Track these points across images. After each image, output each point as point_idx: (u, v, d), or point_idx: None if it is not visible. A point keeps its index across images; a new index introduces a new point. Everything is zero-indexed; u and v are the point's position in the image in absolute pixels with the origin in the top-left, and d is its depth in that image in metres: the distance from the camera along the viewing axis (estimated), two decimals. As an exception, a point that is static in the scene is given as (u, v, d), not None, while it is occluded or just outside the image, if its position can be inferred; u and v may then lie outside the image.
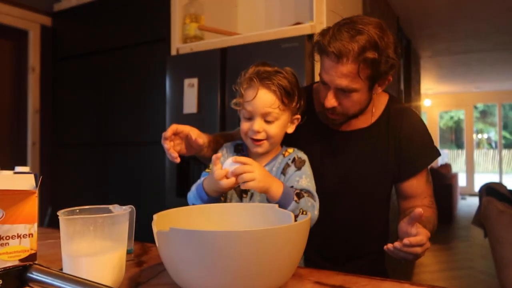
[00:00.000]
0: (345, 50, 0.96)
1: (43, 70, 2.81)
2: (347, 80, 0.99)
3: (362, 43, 0.95)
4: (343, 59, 0.97)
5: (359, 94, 1.03)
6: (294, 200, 0.91)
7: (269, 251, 0.64)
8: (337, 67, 0.98)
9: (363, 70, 0.98)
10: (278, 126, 1.00)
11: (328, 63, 1.00)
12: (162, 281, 0.78)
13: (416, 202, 1.15)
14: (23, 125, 2.75)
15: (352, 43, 0.96)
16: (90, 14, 2.64)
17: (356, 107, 1.07)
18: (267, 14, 2.50)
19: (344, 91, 1.02)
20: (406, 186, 1.16)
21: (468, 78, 7.66)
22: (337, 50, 0.96)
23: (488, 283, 3.41)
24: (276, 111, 0.98)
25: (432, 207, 1.15)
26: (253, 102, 0.97)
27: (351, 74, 0.98)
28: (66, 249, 0.70)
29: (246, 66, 1.54)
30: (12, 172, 0.77)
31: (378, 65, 0.98)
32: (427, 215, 1.09)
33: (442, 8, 3.87)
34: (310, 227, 0.92)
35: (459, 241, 5.03)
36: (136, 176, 2.39)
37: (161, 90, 2.22)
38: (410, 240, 0.88)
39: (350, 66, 0.97)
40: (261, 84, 0.98)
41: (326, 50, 0.98)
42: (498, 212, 2.29)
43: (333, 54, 0.97)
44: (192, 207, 0.92)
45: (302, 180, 1.00)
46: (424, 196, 1.15)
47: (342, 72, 0.98)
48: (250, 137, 1.01)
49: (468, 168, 9.70)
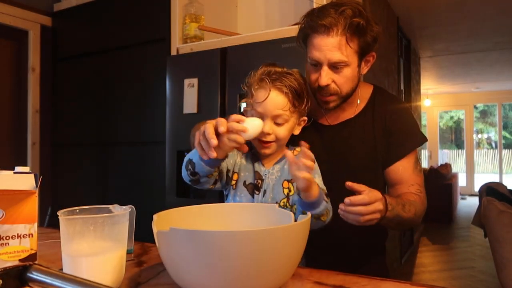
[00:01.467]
0: (334, 22, 1.00)
1: (43, 70, 2.80)
2: (339, 52, 1.02)
3: (349, 15, 1.01)
4: (333, 30, 1.01)
5: (350, 70, 1.06)
6: (325, 200, 0.92)
7: (269, 251, 0.64)
8: (328, 40, 1.02)
9: (351, 38, 1.02)
10: (287, 128, 1.00)
11: (318, 39, 1.03)
12: (162, 281, 0.78)
13: (402, 188, 1.14)
14: (23, 125, 2.75)
15: (339, 16, 1.01)
16: (90, 14, 2.64)
17: (348, 84, 1.09)
18: (267, 14, 2.50)
19: (336, 67, 1.04)
20: (391, 171, 1.16)
21: (468, 78, 7.66)
22: (327, 22, 1.00)
23: (488, 283, 3.41)
24: (287, 113, 0.98)
25: (419, 195, 1.13)
26: (264, 103, 0.97)
27: (341, 45, 1.02)
28: (66, 249, 0.70)
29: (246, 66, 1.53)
30: (12, 172, 0.77)
31: (364, 32, 1.03)
32: (411, 199, 1.09)
33: (442, 8, 3.87)
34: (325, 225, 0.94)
35: (459, 241, 5.03)
36: (136, 176, 2.39)
37: (161, 90, 2.22)
38: (350, 199, 0.87)
39: (340, 37, 1.01)
40: (273, 85, 0.97)
41: (316, 25, 1.02)
42: (498, 212, 2.29)
43: (323, 27, 1.01)
44: (192, 207, 0.91)
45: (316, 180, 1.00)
46: (411, 183, 1.14)
47: (332, 44, 1.02)
48: (258, 139, 1.00)
49: (468, 168, 9.70)
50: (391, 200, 1.00)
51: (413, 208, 1.06)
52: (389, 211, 0.97)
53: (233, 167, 1.06)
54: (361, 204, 0.88)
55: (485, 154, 11.90)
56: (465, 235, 5.30)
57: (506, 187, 3.08)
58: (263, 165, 1.06)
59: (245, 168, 1.06)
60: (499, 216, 2.28)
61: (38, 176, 0.77)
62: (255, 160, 1.06)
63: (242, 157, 1.07)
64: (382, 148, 1.15)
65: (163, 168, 2.13)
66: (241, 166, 1.06)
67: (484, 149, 12.00)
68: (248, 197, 1.03)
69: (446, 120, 11.83)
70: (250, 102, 1.00)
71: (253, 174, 1.05)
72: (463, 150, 10.27)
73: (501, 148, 9.74)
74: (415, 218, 1.08)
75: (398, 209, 1.01)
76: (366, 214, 0.88)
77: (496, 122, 9.80)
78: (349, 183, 0.90)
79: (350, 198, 0.87)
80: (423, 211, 1.11)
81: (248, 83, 1.03)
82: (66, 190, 2.74)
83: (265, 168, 1.05)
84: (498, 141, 9.84)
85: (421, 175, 1.17)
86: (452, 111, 11.28)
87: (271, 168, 1.05)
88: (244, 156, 1.07)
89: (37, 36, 2.76)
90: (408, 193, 1.12)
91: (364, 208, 0.88)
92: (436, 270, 3.79)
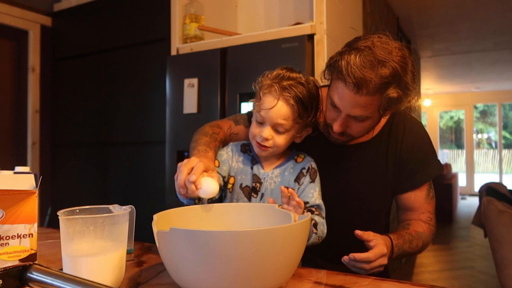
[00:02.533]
0: (366, 81, 0.88)
1: (43, 70, 2.81)
2: (363, 110, 0.94)
3: (385, 76, 0.88)
4: (362, 90, 0.90)
5: (371, 121, 1.01)
6: (314, 233, 0.94)
7: (269, 251, 0.64)
8: (354, 97, 0.92)
9: (383, 105, 0.94)
10: (286, 137, 1.00)
11: (344, 90, 0.93)
12: (162, 281, 0.78)
13: (413, 215, 1.13)
14: (23, 125, 2.75)
15: (374, 75, 0.88)
16: (90, 14, 2.64)
17: (364, 131, 1.05)
18: (267, 14, 2.50)
19: (356, 118, 0.98)
20: (404, 198, 1.14)
21: (468, 78, 7.66)
22: (357, 80, 0.88)
23: (488, 283, 3.41)
24: (289, 124, 0.97)
25: (429, 223, 1.12)
26: (268, 110, 0.97)
27: (368, 105, 0.93)
28: (66, 249, 0.70)
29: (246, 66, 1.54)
30: (12, 172, 0.76)
31: (399, 101, 0.95)
32: (419, 230, 1.08)
33: (442, 8, 3.87)
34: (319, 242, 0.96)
35: (459, 241, 5.03)
36: (136, 176, 2.39)
37: (161, 90, 2.22)
38: (354, 256, 0.87)
39: (369, 98, 0.91)
40: (281, 95, 0.96)
41: (344, 77, 0.91)
42: (498, 212, 2.29)
43: (352, 84, 0.90)
44: (192, 207, 0.92)
45: (316, 194, 1.01)
46: (422, 211, 1.12)
47: (358, 103, 0.92)
48: (256, 141, 1.00)
49: (468, 168, 9.70)
50: (398, 242, 1.00)
51: (420, 242, 1.07)
52: (394, 252, 0.99)
53: (228, 173, 1.06)
54: (365, 262, 0.89)
55: (485, 154, 11.90)
56: (465, 235, 5.29)
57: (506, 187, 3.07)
58: (263, 167, 1.05)
59: (241, 171, 1.06)
60: (499, 216, 2.28)
61: (38, 176, 0.77)
62: (254, 163, 1.06)
63: (239, 161, 1.07)
64: (393, 175, 1.12)
65: (163, 168, 2.13)
66: (238, 169, 1.06)
67: (484, 149, 11.99)
68: (245, 200, 1.04)
69: (446, 120, 11.82)
70: (256, 105, 1.00)
71: (250, 177, 1.04)
72: (463, 150, 10.27)
73: (501, 148, 9.73)
74: (422, 249, 1.09)
75: (405, 247, 1.02)
76: (370, 270, 0.90)
77: (496, 122, 9.79)
78: (358, 232, 0.91)
79: (355, 256, 0.87)
80: (431, 240, 1.11)
81: (259, 84, 1.02)
82: (66, 190, 2.74)
83: (264, 171, 1.05)
84: (498, 141, 9.84)
85: (432, 202, 1.15)
86: (452, 111, 11.28)
87: (271, 171, 1.04)
88: (240, 159, 1.07)
89: (37, 36, 2.76)
90: (418, 221, 1.11)
91: (368, 265, 0.89)
92: (436, 270, 3.79)
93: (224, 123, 1.19)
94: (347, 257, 0.88)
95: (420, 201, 1.13)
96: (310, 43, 1.75)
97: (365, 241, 0.91)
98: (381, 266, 0.92)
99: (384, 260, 0.91)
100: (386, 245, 0.93)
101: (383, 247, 0.91)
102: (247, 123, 1.18)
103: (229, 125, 1.18)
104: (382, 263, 0.91)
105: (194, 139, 1.09)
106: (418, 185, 1.12)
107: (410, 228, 1.09)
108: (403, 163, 1.11)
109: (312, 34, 1.76)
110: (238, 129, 1.19)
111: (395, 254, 1.00)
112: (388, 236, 0.99)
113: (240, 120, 1.20)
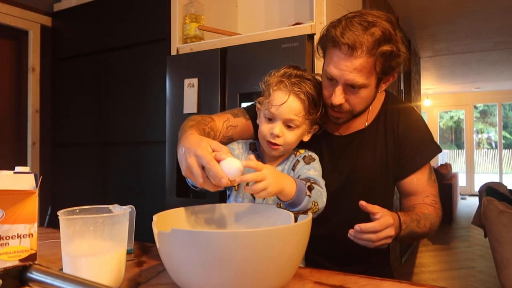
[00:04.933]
0: (359, 42, 0.92)
1: (43, 70, 2.80)
2: (359, 74, 0.95)
3: (377, 36, 0.92)
4: (357, 51, 0.92)
5: (368, 91, 1.00)
6: (307, 195, 0.89)
7: (270, 252, 0.64)
8: (350, 60, 0.94)
9: (376, 63, 0.95)
10: (296, 134, 1.00)
11: (339, 56, 0.95)
12: (162, 281, 0.78)
13: (417, 200, 1.12)
14: (23, 125, 2.75)
15: (366, 35, 0.92)
16: (90, 14, 2.64)
17: (363, 104, 1.05)
18: (267, 14, 2.50)
19: (353, 87, 0.99)
20: (406, 184, 1.13)
21: (468, 78, 7.66)
22: (351, 41, 0.92)
23: (488, 283, 3.41)
24: (300, 119, 0.98)
25: (435, 206, 1.11)
26: (280, 106, 0.96)
27: (364, 68, 0.94)
28: (66, 249, 0.70)
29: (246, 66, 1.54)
30: (12, 172, 0.76)
31: (393, 58, 0.96)
32: (425, 212, 1.07)
33: (442, 8, 3.87)
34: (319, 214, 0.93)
35: (459, 241, 5.03)
36: (136, 176, 2.39)
37: (161, 90, 2.22)
38: (360, 226, 0.86)
39: (364, 59, 0.93)
40: (292, 90, 0.96)
41: (339, 42, 0.94)
42: (498, 212, 2.29)
43: (347, 46, 0.92)
44: (192, 207, 0.91)
45: (310, 172, 0.99)
46: (426, 195, 1.11)
47: (354, 66, 0.94)
48: (267, 140, 1.00)
49: (468, 168, 9.70)
50: (405, 218, 0.98)
51: (428, 223, 1.04)
52: (403, 230, 0.96)
53: None
54: (372, 232, 0.87)
55: (485, 154, 11.90)
56: (465, 235, 5.29)
57: (506, 187, 3.07)
58: None
59: (248, 170, 1.06)
60: (499, 216, 2.28)
61: (38, 176, 0.77)
62: None
63: (247, 159, 1.07)
64: (393, 160, 1.12)
65: (163, 168, 2.13)
66: (245, 168, 1.06)
67: (484, 149, 11.99)
68: (250, 199, 1.03)
69: (446, 120, 11.83)
70: (266, 102, 0.99)
71: None
72: (463, 150, 10.27)
73: (501, 148, 9.73)
74: (430, 231, 1.06)
75: (412, 226, 1.00)
76: (377, 241, 0.88)
77: (496, 122, 9.79)
78: (363, 203, 0.89)
79: (361, 226, 0.86)
80: (438, 223, 1.09)
81: (266, 82, 1.02)
82: (66, 190, 2.73)
83: None
84: (498, 141, 9.84)
85: (435, 186, 1.14)
86: (452, 111, 11.28)
87: None
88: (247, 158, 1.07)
89: (37, 36, 2.76)
90: (423, 205, 1.10)
91: (375, 236, 0.87)
92: (436, 270, 3.79)
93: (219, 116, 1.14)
94: (353, 230, 0.87)
95: (423, 184, 1.11)
96: (310, 43, 1.75)
97: (371, 214, 0.89)
98: (388, 238, 0.89)
99: (391, 231, 0.89)
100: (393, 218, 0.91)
101: (389, 218, 0.90)
102: (246, 116, 1.16)
103: (226, 118, 1.13)
104: (389, 234, 0.89)
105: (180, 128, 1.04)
106: (418, 166, 1.11)
107: (417, 210, 1.07)
108: (401, 148, 1.12)
109: (312, 34, 1.76)
110: (236, 121, 1.14)
111: (404, 232, 0.97)
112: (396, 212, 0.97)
113: (239, 113, 1.17)
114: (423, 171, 1.12)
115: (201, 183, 0.80)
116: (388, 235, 0.89)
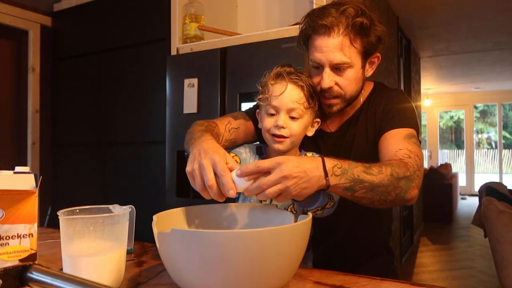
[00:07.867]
0: (335, 21, 0.98)
1: (43, 70, 2.80)
2: (341, 53, 0.99)
3: (351, 13, 0.98)
4: (334, 30, 0.98)
5: (354, 71, 1.03)
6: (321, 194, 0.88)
7: (270, 252, 0.64)
8: (329, 40, 0.99)
9: (354, 38, 0.99)
10: (301, 125, 1.00)
11: (319, 40, 1.01)
12: (162, 281, 0.78)
13: (388, 154, 0.96)
14: (23, 125, 2.75)
15: (340, 15, 0.98)
16: (90, 14, 2.64)
17: (352, 86, 1.05)
18: (266, 14, 2.50)
19: (339, 69, 1.02)
20: (379, 143, 1.03)
21: (468, 78, 7.66)
22: (328, 22, 0.98)
23: (488, 283, 3.41)
24: (302, 108, 0.98)
25: (406, 160, 0.91)
26: (280, 97, 0.98)
27: (344, 46, 0.99)
28: (66, 249, 0.70)
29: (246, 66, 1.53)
30: (12, 172, 0.76)
31: (367, 32, 1.00)
32: (385, 162, 0.90)
33: (442, 8, 3.87)
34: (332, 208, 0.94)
35: (459, 241, 5.03)
36: (136, 176, 2.39)
37: (161, 90, 2.22)
38: (241, 169, 0.77)
39: (342, 38, 0.99)
40: (290, 79, 0.99)
41: (316, 26, 1.00)
42: (498, 212, 2.29)
43: (324, 27, 0.99)
44: (192, 207, 0.91)
45: None
46: (399, 148, 0.95)
47: (334, 45, 0.99)
48: (272, 133, 1.00)
49: (468, 168, 9.70)
50: (340, 163, 0.82)
51: (387, 169, 0.84)
52: (336, 175, 0.80)
53: None
54: (249, 174, 0.76)
55: (485, 154, 11.90)
56: (465, 235, 5.29)
57: (506, 187, 3.08)
58: None
59: None
60: (499, 216, 2.28)
61: (38, 176, 0.77)
62: None
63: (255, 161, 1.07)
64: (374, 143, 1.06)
65: (163, 168, 2.13)
66: None
67: (484, 149, 11.99)
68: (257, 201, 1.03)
69: (446, 120, 11.83)
70: (266, 97, 1.00)
71: None
72: (463, 150, 10.27)
73: (501, 148, 9.74)
74: (394, 180, 0.84)
75: (355, 172, 0.82)
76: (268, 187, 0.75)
77: (496, 122, 9.79)
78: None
79: (241, 169, 0.77)
80: (410, 175, 0.87)
81: (263, 82, 1.04)
82: (66, 190, 2.73)
83: None
84: (498, 141, 9.84)
85: (416, 147, 0.96)
86: (452, 111, 11.28)
87: None
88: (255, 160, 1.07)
89: (37, 36, 2.76)
90: (389, 160, 0.92)
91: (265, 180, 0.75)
92: (436, 270, 3.79)
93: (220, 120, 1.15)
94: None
95: (396, 139, 0.97)
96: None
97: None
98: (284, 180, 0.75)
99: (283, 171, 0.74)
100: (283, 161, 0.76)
101: (279, 157, 0.78)
102: (246, 117, 1.17)
103: (228, 121, 1.14)
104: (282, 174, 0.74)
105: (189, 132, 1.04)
106: (395, 126, 1.01)
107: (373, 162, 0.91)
108: (382, 121, 1.06)
109: (312, 34, 1.76)
110: (238, 123, 1.15)
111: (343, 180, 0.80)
112: (320, 156, 0.83)
113: (239, 115, 1.18)
114: (400, 131, 1.00)
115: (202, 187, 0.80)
116: (281, 176, 0.74)
